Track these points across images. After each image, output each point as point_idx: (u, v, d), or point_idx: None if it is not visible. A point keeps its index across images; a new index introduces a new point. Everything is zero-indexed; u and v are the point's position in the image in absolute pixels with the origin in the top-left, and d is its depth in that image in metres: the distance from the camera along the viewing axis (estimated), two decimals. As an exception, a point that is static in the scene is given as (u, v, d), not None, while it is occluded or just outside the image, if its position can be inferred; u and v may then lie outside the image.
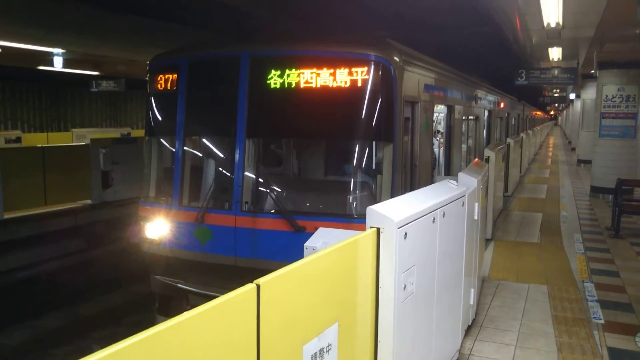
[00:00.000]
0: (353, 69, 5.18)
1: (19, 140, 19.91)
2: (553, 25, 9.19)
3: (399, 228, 3.05)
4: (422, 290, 3.56)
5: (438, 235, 3.84)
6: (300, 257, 2.69)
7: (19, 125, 24.68)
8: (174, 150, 5.98)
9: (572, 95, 30.77)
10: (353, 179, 5.56)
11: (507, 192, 13.63)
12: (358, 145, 5.49)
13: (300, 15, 9.66)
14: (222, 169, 6.01)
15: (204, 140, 6.30)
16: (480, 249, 6.19)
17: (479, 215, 5.44)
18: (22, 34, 9.57)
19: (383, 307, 3.07)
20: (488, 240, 9.02)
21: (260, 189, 5.71)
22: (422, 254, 3.54)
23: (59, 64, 14.62)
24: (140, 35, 10.55)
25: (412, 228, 3.25)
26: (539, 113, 52.36)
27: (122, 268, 10.22)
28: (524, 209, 12.54)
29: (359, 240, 2.89)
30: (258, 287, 2.02)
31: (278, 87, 5.37)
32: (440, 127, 10.13)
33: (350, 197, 5.48)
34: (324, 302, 2.59)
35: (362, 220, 3.20)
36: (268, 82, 5.40)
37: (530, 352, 5.00)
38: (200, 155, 6.29)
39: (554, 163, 25.41)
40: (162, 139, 6.37)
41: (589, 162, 17.12)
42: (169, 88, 6.00)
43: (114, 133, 23.78)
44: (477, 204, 5.22)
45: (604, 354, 4.98)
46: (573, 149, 31.25)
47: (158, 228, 5.86)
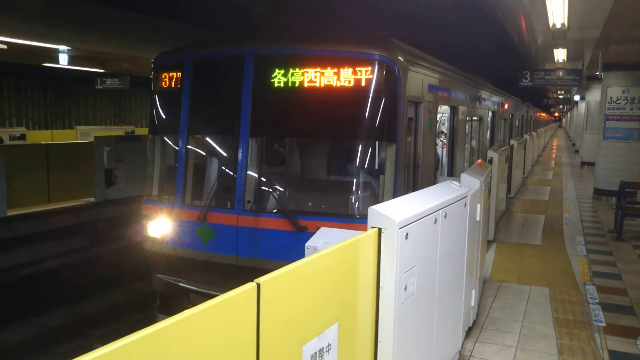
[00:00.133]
0: (357, 69, 5.17)
1: (24, 137, 20.01)
2: (558, 26, 9.18)
3: (401, 228, 3.05)
4: (423, 291, 3.56)
5: (440, 236, 3.83)
6: (302, 256, 2.69)
7: (24, 122, 24.75)
8: (177, 149, 5.98)
9: (576, 97, 30.64)
10: (355, 179, 5.56)
11: (510, 193, 13.60)
12: (361, 145, 5.48)
13: (301, 13, 9.67)
14: (225, 168, 6.01)
15: (207, 139, 6.30)
16: (482, 250, 6.18)
17: (481, 217, 5.43)
18: (23, 30, 9.59)
19: (383, 307, 3.06)
20: (490, 242, 8.99)
21: (263, 188, 5.71)
22: (423, 255, 3.53)
23: (64, 61, 14.68)
24: (142, 33, 10.57)
25: (413, 228, 3.24)
26: (543, 114, 52.26)
27: (124, 266, 10.24)
28: (527, 211, 12.51)
29: (360, 241, 2.89)
30: (258, 286, 2.02)
31: (281, 86, 5.37)
32: (444, 127, 10.12)
33: (353, 197, 5.47)
34: (324, 301, 2.59)
35: (364, 221, 3.20)
36: (271, 80, 5.39)
37: (531, 354, 4.99)
38: (203, 154, 6.29)
39: (558, 165, 25.34)
40: (165, 137, 6.38)
41: (593, 164, 17.06)
42: (173, 86, 6.01)
43: (118, 131, 23.88)
44: (479, 205, 5.21)
45: (605, 357, 4.97)
46: (577, 151, 31.15)
47: (160, 226, 5.87)
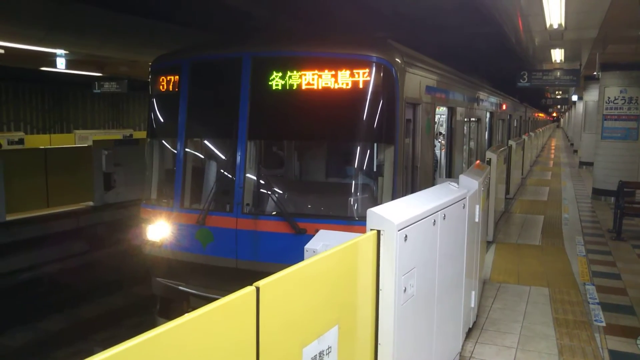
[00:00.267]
0: (354, 71, 5.17)
1: (22, 142, 19.96)
2: (556, 27, 9.19)
3: (400, 230, 3.05)
4: (422, 293, 3.55)
5: (439, 238, 3.84)
6: (301, 259, 2.69)
7: (22, 127, 24.75)
8: (176, 152, 5.98)
9: (574, 97, 30.70)
10: (354, 181, 5.56)
11: (508, 194, 13.61)
12: (359, 147, 5.48)
13: (300, 15, 9.68)
14: (223, 171, 6.01)
15: (206, 142, 6.30)
16: (482, 252, 6.18)
17: (480, 218, 5.43)
18: (22, 35, 9.59)
19: (383, 309, 3.06)
20: (489, 243, 9.00)
21: (262, 191, 5.70)
22: (422, 257, 3.53)
23: (62, 65, 14.66)
24: (141, 36, 10.57)
25: (412, 230, 3.24)
26: (541, 115, 52.32)
27: (123, 270, 10.23)
28: (526, 211, 12.51)
29: (359, 243, 2.89)
30: (257, 289, 2.02)
31: (279, 88, 5.37)
32: (442, 129, 10.13)
33: (351, 199, 5.47)
34: (324, 304, 2.58)
35: (363, 223, 3.20)
36: (269, 83, 5.39)
37: (532, 354, 4.99)
38: (202, 157, 6.29)
39: (556, 165, 25.37)
40: (163, 141, 6.37)
41: (591, 164, 17.09)
42: (171, 89, 6.00)
43: (116, 135, 23.85)
44: (478, 206, 5.22)
45: (605, 357, 4.97)
46: (575, 151, 31.19)
47: (159, 230, 5.87)
